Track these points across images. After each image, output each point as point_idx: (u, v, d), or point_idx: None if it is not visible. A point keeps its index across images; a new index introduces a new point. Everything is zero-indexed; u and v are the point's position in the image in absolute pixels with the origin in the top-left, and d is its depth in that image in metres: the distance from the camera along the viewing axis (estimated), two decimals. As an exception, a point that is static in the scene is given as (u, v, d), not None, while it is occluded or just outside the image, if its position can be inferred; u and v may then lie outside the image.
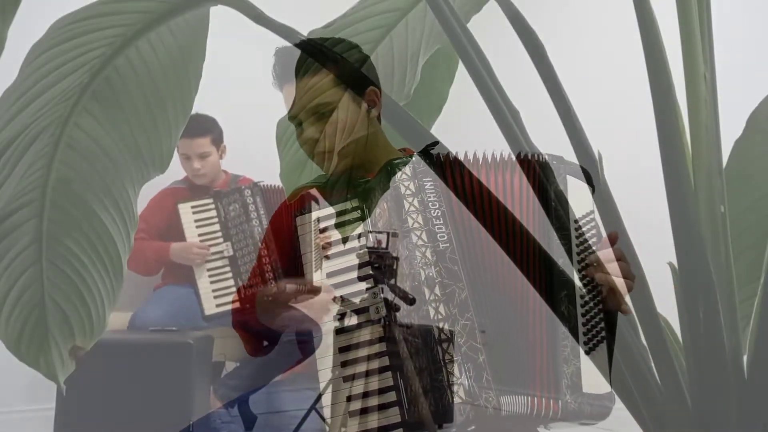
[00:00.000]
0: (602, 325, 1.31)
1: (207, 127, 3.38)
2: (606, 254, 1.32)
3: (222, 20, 2.37)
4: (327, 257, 1.30)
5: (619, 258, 1.31)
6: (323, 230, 1.33)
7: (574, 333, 1.29)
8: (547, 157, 1.37)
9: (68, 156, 2.14)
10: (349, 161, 1.44)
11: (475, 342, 1.26)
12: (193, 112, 2.37)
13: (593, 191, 1.40)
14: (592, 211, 1.36)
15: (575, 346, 1.29)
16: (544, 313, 1.29)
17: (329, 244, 1.29)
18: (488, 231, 1.31)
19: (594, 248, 1.35)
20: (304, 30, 2.29)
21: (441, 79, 2.67)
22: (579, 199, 1.38)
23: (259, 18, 2.25)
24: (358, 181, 1.45)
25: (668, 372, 1.91)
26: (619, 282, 1.30)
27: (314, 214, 1.36)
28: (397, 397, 1.18)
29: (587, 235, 1.34)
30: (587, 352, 1.29)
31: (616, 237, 1.36)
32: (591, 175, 1.41)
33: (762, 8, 3.22)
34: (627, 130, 3.05)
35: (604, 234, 1.39)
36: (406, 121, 2.07)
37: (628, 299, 1.50)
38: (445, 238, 1.32)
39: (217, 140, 3.42)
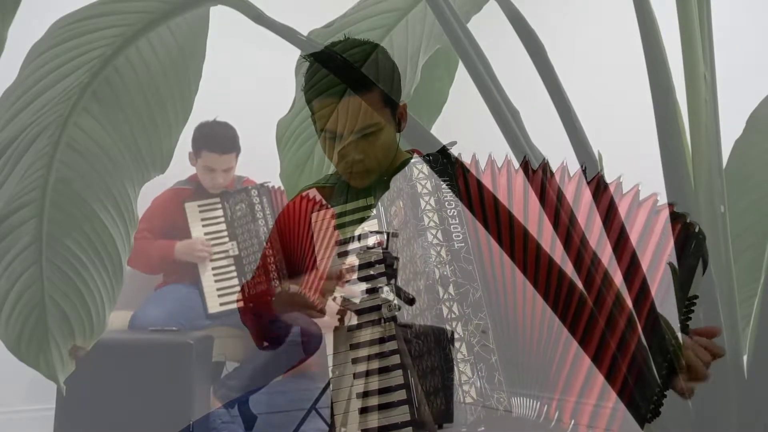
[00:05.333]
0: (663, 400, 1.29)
1: (235, 143, 3.37)
2: (711, 345, 1.30)
3: (222, 20, 2.37)
4: (341, 255, 1.29)
5: (718, 355, 1.30)
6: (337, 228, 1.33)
7: (647, 399, 1.28)
8: (697, 229, 1.34)
9: (68, 156, 2.14)
10: (377, 175, 1.44)
11: (488, 342, 1.25)
12: (193, 112, 2.37)
13: (703, 273, 1.38)
14: (697, 296, 1.34)
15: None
16: (553, 318, 1.28)
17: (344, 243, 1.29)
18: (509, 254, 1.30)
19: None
20: (304, 30, 2.29)
21: (441, 79, 2.67)
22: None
23: (259, 18, 2.26)
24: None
25: (668, 372, 1.91)
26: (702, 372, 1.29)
27: (332, 211, 1.36)
28: (407, 395, 1.18)
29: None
30: (648, 420, 1.28)
31: (718, 332, 1.35)
32: (708, 263, 1.38)
33: (762, 8, 3.21)
34: (627, 130, 3.05)
35: None
36: (407, 121, 2.07)
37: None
38: (461, 237, 1.31)
39: (239, 153, 3.43)
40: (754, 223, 2.33)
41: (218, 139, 3.31)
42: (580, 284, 1.27)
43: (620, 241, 1.30)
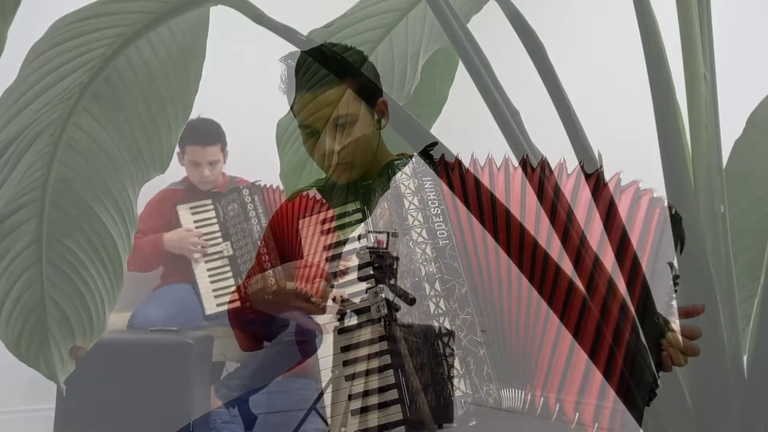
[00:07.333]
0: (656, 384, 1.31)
1: (218, 135, 3.38)
2: (691, 330, 1.32)
3: (222, 20, 2.37)
4: (329, 259, 1.30)
5: (695, 336, 1.31)
6: (327, 232, 1.34)
7: (642, 387, 1.30)
8: (674, 212, 1.35)
9: (68, 156, 2.14)
10: (359, 171, 1.45)
11: (476, 336, 1.27)
12: (193, 112, 2.37)
13: (681, 252, 1.38)
14: (678, 276, 1.35)
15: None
16: (544, 308, 1.29)
17: (334, 246, 1.31)
18: (496, 239, 1.31)
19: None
20: (304, 30, 2.29)
21: (441, 79, 2.67)
22: None
23: (259, 18, 2.26)
24: (359, 183, 1.46)
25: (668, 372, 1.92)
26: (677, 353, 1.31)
27: (318, 217, 1.37)
28: (399, 395, 1.19)
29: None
30: (647, 404, 1.30)
31: (701, 311, 1.36)
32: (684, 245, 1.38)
33: (762, 8, 3.22)
34: (627, 130, 3.05)
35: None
36: (406, 121, 2.08)
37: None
38: (445, 235, 1.33)
39: (224, 146, 3.44)
40: (754, 223, 2.33)
41: (200, 132, 3.32)
42: (578, 281, 1.28)
43: (623, 241, 1.30)
